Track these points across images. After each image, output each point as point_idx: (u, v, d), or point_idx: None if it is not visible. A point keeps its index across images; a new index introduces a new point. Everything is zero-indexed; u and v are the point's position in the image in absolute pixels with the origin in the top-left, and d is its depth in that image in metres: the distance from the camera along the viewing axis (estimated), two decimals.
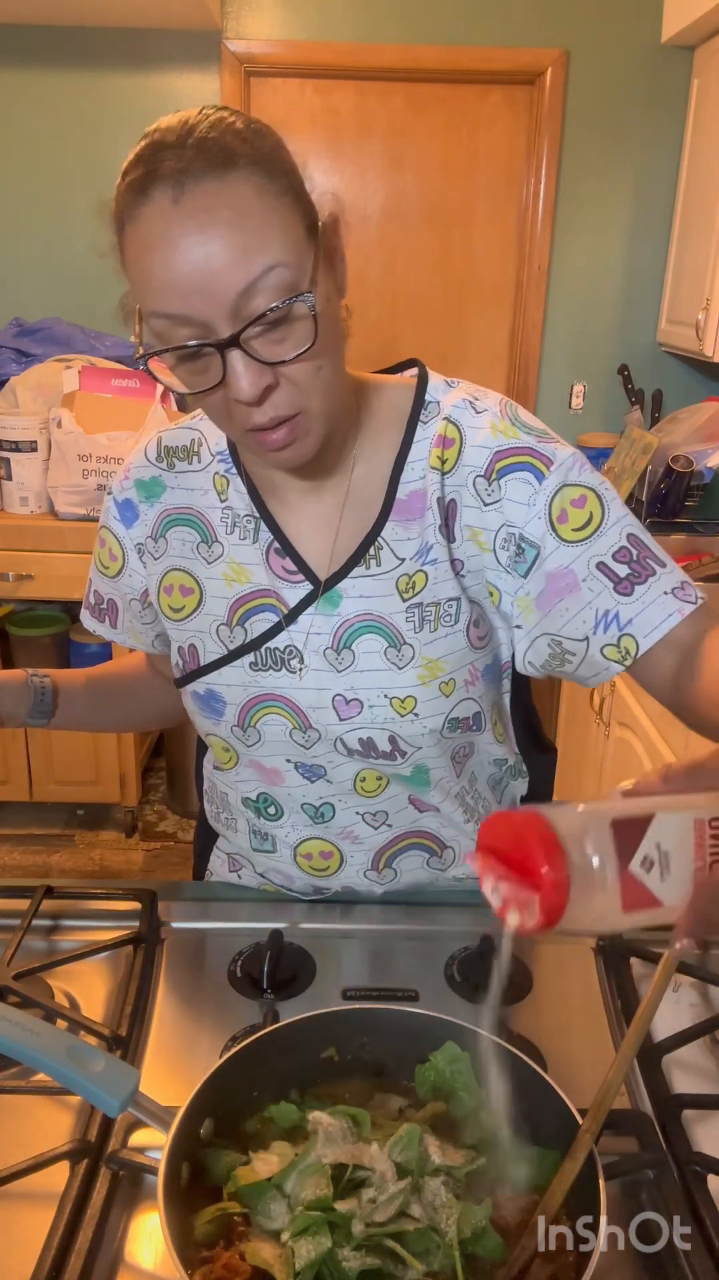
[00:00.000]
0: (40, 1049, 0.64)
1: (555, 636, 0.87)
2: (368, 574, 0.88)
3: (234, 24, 2.91)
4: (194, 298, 0.68)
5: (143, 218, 0.69)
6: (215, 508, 0.92)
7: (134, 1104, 0.63)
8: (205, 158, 0.68)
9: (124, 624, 1.02)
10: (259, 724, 0.91)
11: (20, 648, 2.89)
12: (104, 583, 1.00)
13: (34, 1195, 0.67)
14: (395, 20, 2.90)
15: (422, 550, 0.87)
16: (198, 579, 0.92)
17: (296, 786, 0.94)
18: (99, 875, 2.78)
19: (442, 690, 0.88)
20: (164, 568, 0.94)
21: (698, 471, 2.68)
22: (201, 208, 0.67)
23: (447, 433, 0.87)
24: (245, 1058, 0.68)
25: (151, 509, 0.94)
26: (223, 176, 0.68)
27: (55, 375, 2.73)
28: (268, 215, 0.69)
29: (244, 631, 0.90)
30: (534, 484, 0.84)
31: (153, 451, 0.95)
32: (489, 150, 3.09)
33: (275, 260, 0.69)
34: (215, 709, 0.92)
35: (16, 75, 2.94)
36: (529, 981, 0.88)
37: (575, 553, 0.85)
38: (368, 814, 0.95)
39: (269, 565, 0.89)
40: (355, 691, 0.88)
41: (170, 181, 0.67)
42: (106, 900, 0.98)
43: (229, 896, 1.02)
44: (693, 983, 0.90)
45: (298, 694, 0.89)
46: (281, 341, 0.72)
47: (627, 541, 0.86)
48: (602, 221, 3.08)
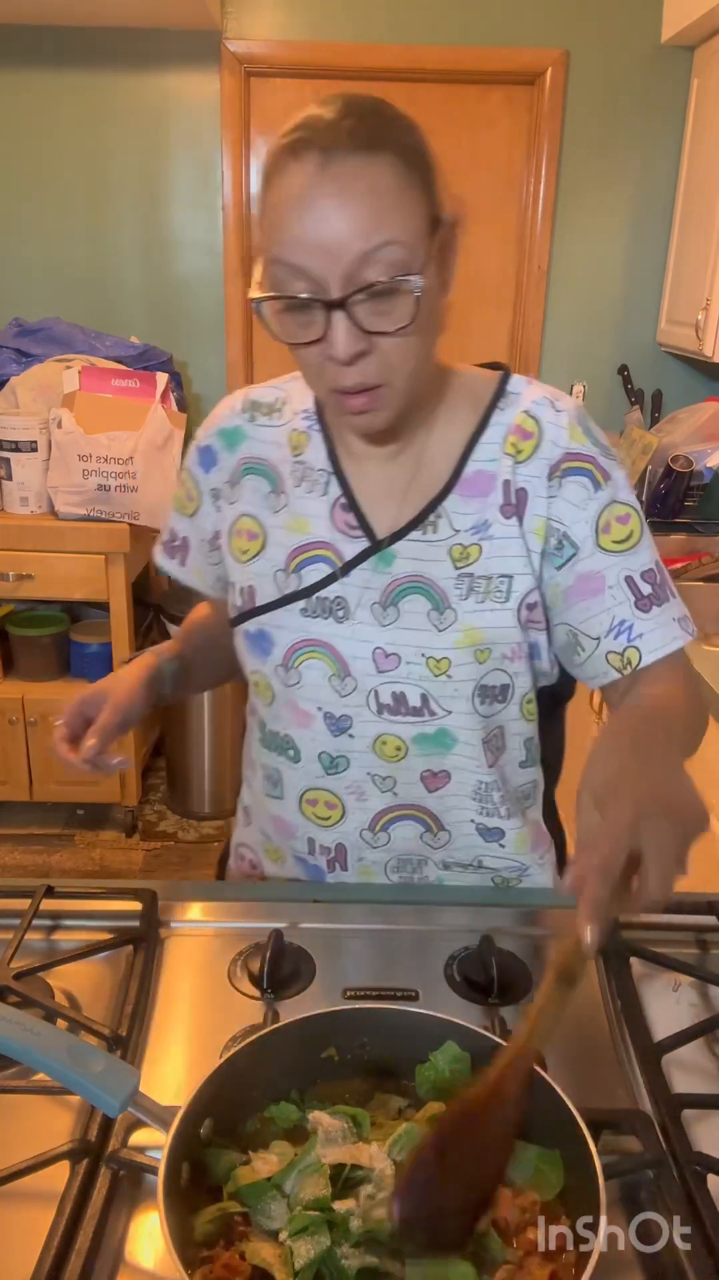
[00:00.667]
0: (40, 1049, 0.64)
1: (573, 629, 0.95)
2: (423, 539, 0.93)
3: (234, 24, 2.91)
4: (316, 255, 0.76)
5: (289, 173, 0.77)
6: (287, 461, 0.98)
7: (134, 1104, 0.63)
8: (355, 137, 0.76)
9: (192, 562, 1.09)
10: (301, 666, 0.96)
11: (20, 648, 2.89)
12: (181, 521, 1.08)
13: (34, 1195, 0.67)
14: (395, 20, 2.90)
15: (479, 525, 0.93)
16: (264, 525, 0.99)
17: (320, 734, 0.98)
18: (99, 875, 2.78)
19: (476, 657, 0.93)
20: (237, 512, 1.00)
21: (698, 471, 2.68)
22: (343, 177, 0.75)
23: (525, 425, 0.93)
24: (245, 1057, 0.68)
25: (232, 456, 1.01)
26: (368, 158, 0.75)
27: (55, 375, 2.73)
28: (398, 199, 0.76)
29: (298, 579, 0.96)
30: (589, 491, 0.92)
31: (239, 404, 1.03)
32: (489, 150, 3.08)
33: (394, 237, 0.76)
34: (264, 648, 0.98)
35: (16, 75, 2.94)
36: (529, 981, 0.88)
37: (609, 561, 0.93)
38: (378, 775, 0.98)
39: (332, 519, 0.96)
40: (396, 646, 0.94)
41: (321, 150, 0.75)
42: (106, 900, 0.98)
43: (229, 896, 1.02)
44: (693, 983, 0.90)
45: (341, 643, 0.95)
46: (383, 314, 0.78)
47: (654, 565, 0.95)
48: (602, 221, 3.08)
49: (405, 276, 0.77)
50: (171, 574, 1.12)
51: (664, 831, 0.63)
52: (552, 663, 0.99)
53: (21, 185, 3.03)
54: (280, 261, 0.78)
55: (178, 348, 3.09)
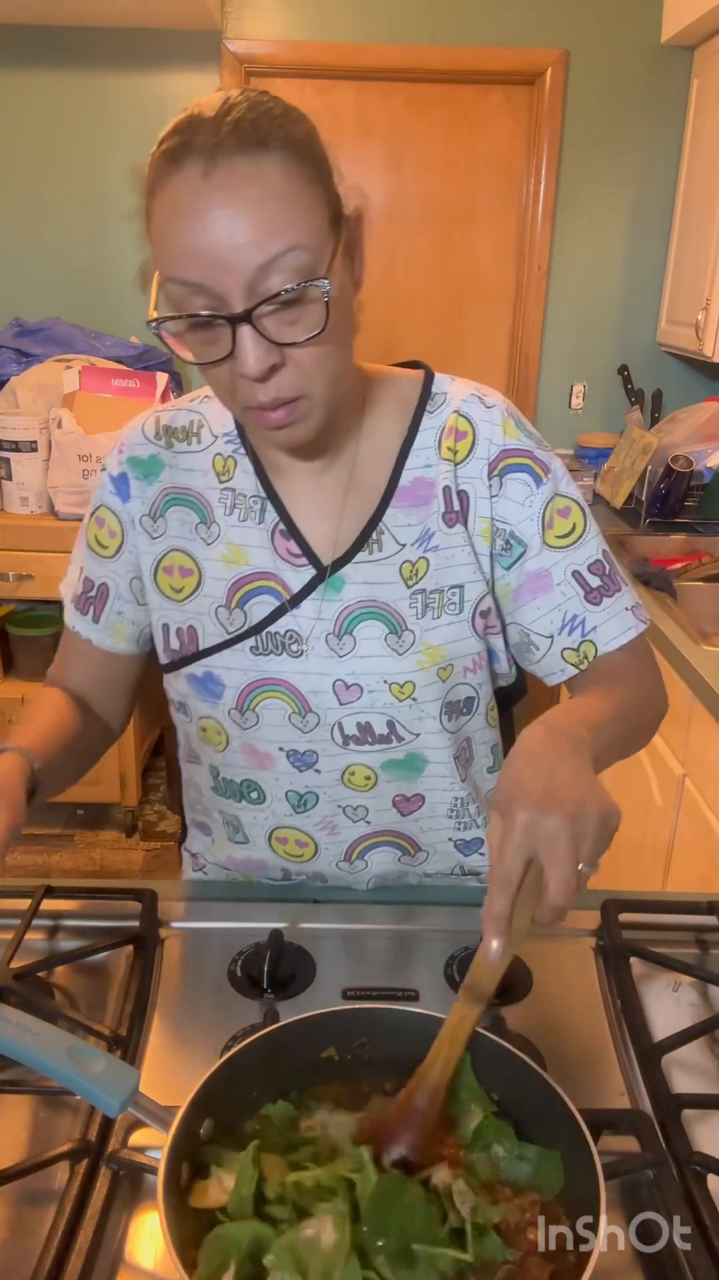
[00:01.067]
0: (40, 1049, 0.64)
1: (524, 629, 0.93)
2: (370, 559, 0.90)
3: (234, 24, 2.91)
4: (213, 269, 0.70)
5: (172, 186, 0.70)
6: (214, 489, 0.92)
7: (134, 1104, 0.63)
8: (239, 136, 0.69)
9: (108, 616, 0.97)
10: (258, 707, 0.92)
11: (20, 648, 2.89)
12: (98, 566, 0.97)
13: (34, 1195, 0.68)
14: (396, 20, 2.90)
15: (423, 537, 0.90)
16: (196, 560, 0.92)
17: (285, 774, 0.95)
18: (99, 875, 2.78)
19: (439, 675, 0.91)
20: (163, 548, 0.93)
21: (698, 471, 2.68)
22: (230, 183, 0.69)
23: (459, 425, 0.90)
24: (244, 1057, 0.68)
25: (150, 487, 0.93)
26: (255, 157, 0.69)
27: (55, 375, 2.73)
28: (294, 198, 0.71)
29: (244, 615, 0.90)
30: (532, 487, 0.90)
31: (150, 429, 0.94)
32: (489, 150, 3.08)
33: (295, 242, 0.70)
34: (213, 692, 0.92)
35: (16, 75, 2.94)
36: (529, 981, 0.88)
37: (556, 558, 0.91)
38: (349, 807, 0.96)
39: (274, 547, 0.90)
40: (355, 677, 0.90)
41: (203, 155, 0.69)
42: (106, 900, 0.98)
43: (229, 896, 1.02)
44: (693, 983, 0.90)
45: (299, 679, 0.90)
46: (293, 323, 0.73)
47: (601, 556, 0.94)
48: (602, 221, 3.08)
49: (311, 281, 0.71)
50: (84, 634, 0.98)
51: (559, 835, 0.62)
52: (509, 663, 0.98)
53: (22, 185, 3.03)
54: (175, 280, 0.72)
55: None
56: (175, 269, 0.72)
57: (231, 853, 1.02)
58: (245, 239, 0.69)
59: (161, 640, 0.95)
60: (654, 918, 0.95)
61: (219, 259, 0.70)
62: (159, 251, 0.73)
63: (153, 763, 3.30)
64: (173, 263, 0.72)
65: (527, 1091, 0.66)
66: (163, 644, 0.95)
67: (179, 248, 0.71)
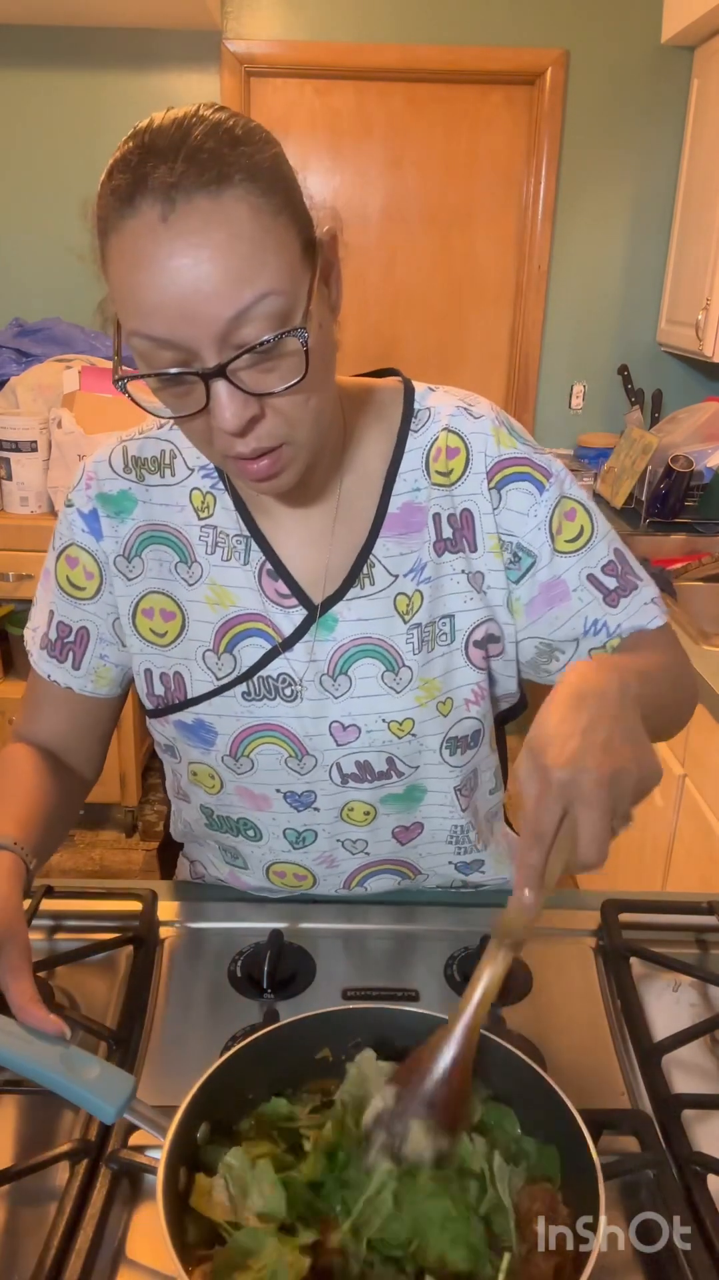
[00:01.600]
0: (34, 1057, 0.63)
1: (545, 640, 0.90)
2: (363, 594, 0.86)
3: (234, 24, 2.91)
4: (180, 323, 0.64)
5: (128, 230, 0.64)
6: (193, 525, 0.87)
7: (130, 1110, 0.63)
8: (198, 170, 0.62)
9: (89, 661, 0.92)
10: (253, 753, 0.88)
11: (20, 648, 2.89)
12: (72, 609, 0.91)
13: (34, 1195, 0.68)
14: (395, 20, 2.90)
15: (416, 568, 0.86)
16: (178, 602, 0.87)
17: (282, 813, 0.92)
18: (99, 875, 2.78)
19: (439, 710, 0.88)
20: (141, 590, 0.88)
21: (698, 471, 2.68)
22: (193, 228, 0.62)
23: (450, 442, 0.86)
24: (241, 1059, 0.68)
25: (123, 525, 0.87)
26: (217, 195, 0.63)
27: (55, 375, 2.73)
28: (263, 237, 0.64)
29: (233, 659, 0.87)
30: (535, 495, 0.86)
31: (119, 462, 0.88)
32: (489, 150, 3.09)
33: (269, 288, 0.64)
34: (205, 739, 0.89)
35: (16, 75, 2.94)
36: (529, 981, 0.88)
37: (569, 563, 0.88)
38: (348, 841, 0.95)
39: (261, 588, 0.86)
40: (353, 717, 0.87)
41: (160, 195, 0.62)
42: (106, 900, 0.98)
43: (229, 897, 1.02)
44: (693, 983, 0.90)
45: (294, 723, 0.87)
46: (270, 372, 0.68)
47: (613, 556, 0.90)
48: (602, 221, 3.08)
49: (289, 332, 0.66)
50: (63, 682, 0.92)
51: (596, 796, 0.58)
52: (517, 685, 0.95)
53: (21, 185, 3.03)
54: (139, 334, 0.66)
55: None
56: (139, 324, 0.66)
57: (232, 872, 1.01)
58: (213, 289, 0.63)
59: (144, 686, 0.90)
60: (654, 918, 0.95)
61: (186, 312, 0.64)
62: (120, 302, 0.67)
63: (153, 763, 3.30)
64: (136, 316, 0.66)
65: (527, 1091, 0.66)
66: (145, 689, 0.90)
67: (141, 301, 0.65)
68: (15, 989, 0.66)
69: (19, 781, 0.87)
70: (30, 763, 0.90)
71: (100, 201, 0.67)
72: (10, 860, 0.74)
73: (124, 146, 0.66)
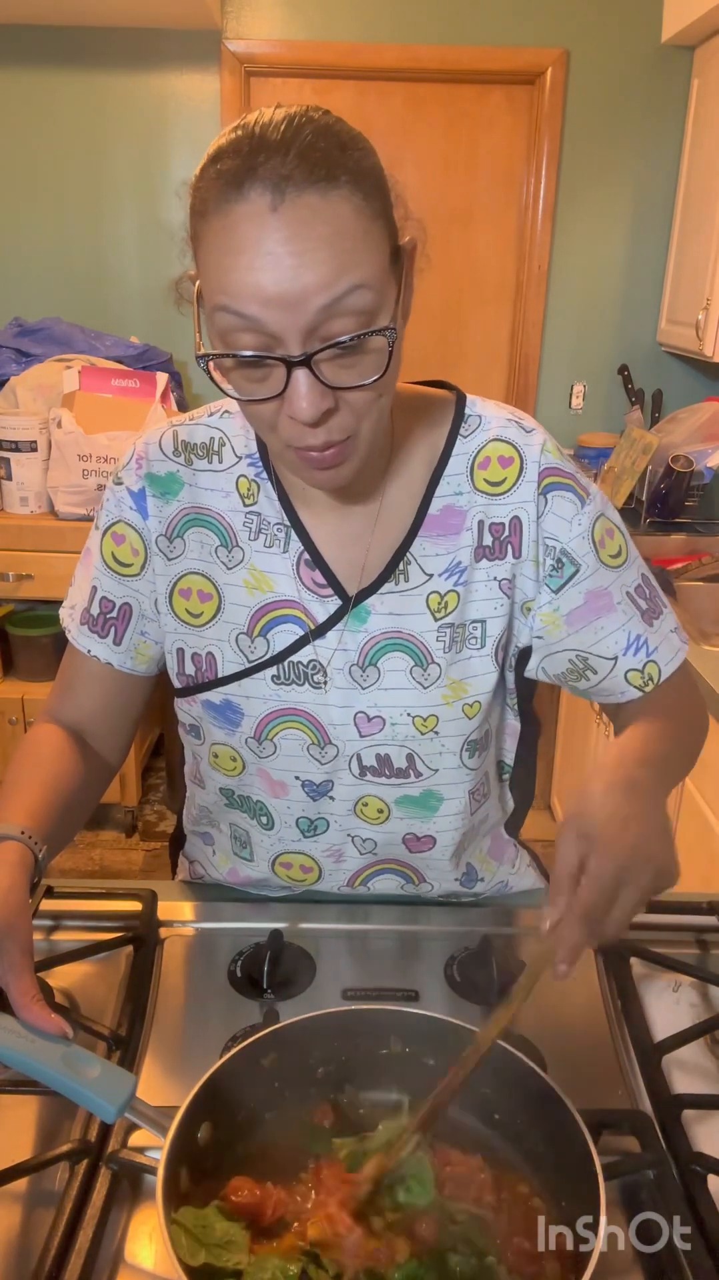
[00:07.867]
0: (35, 1056, 0.63)
1: (583, 653, 0.91)
2: (396, 590, 0.87)
3: (234, 24, 2.91)
4: (273, 308, 0.66)
5: (234, 214, 0.65)
6: (238, 511, 0.88)
7: (131, 1109, 0.63)
8: (309, 167, 0.65)
9: (131, 637, 0.93)
10: (277, 737, 0.90)
11: (20, 648, 2.89)
12: (117, 585, 0.92)
13: (34, 1195, 0.68)
14: (395, 20, 2.90)
15: (452, 568, 0.87)
16: (217, 584, 0.89)
17: (298, 801, 0.93)
18: (99, 875, 2.78)
19: (465, 712, 0.89)
20: (180, 569, 0.90)
21: (698, 471, 2.68)
22: (301, 219, 0.64)
23: (504, 452, 0.88)
24: (241, 1060, 0.68)
25: (168, 505, 0.89)
26: (325, 192, 0.65)
27: (55, 375, 2.73)
28: (363, 237, 0.67)
29: (266, 643, 0.88)
30: (577, 505, 0.88)
31: (169, 445, 0.90)
32: (489, 150, 3.08)
33: (360, 281, 0.66)
34: (231, 720, 0.90)
35: (16, 75, 2.94)
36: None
37: (613, 576, 0.90)
38: (358, 838, 0.95)
39: (298, 576, 0.87)
40: (379, 709, 0.88)
41: (270, 185, 0.64)
42: (106, 900, 0.98)
43: (229, 897, 1.02)
44: (693, 983, 0.90)
45: (320, 710, 0.88)
46: (350, 368, 0.70)
47: (642, 580, 0.93)
48: (602, 221, 3.08)
49: (378, 331, 0.68)
50: (100, 658, 0.93)
51: (642, 886, 0.65)
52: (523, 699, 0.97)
53: (21, 185, 3.03)
54: (228, 310, 0.67)
55: (178, 348, 3.09)
56: (231, 300, 0.67)
57: (235, 866, 1.01)
58: (312, 279, 0.65)
59: (176, 665, 0.92)
60: (654, 918, 0.95)
61: (281, 298, 0.65)
62: (212, 279, 0.68)
63: (153, 763, 3.30)
64: (228, 294, 0.67)
65: (527, 1092, 0.66)
66: (177, 669, 0.92)
67: (240, 282, 0.66)
68: (17, 987, 0.66)
69: (38, 766, 0.87)
70: (53, 746, 0.90)
71: (203, 183, 0.68)
72: (17, 851, 0.74)
73: (231, 134, 0.68)
